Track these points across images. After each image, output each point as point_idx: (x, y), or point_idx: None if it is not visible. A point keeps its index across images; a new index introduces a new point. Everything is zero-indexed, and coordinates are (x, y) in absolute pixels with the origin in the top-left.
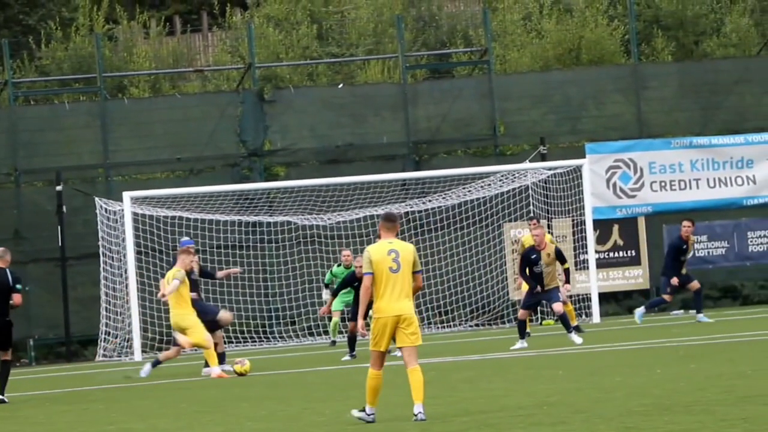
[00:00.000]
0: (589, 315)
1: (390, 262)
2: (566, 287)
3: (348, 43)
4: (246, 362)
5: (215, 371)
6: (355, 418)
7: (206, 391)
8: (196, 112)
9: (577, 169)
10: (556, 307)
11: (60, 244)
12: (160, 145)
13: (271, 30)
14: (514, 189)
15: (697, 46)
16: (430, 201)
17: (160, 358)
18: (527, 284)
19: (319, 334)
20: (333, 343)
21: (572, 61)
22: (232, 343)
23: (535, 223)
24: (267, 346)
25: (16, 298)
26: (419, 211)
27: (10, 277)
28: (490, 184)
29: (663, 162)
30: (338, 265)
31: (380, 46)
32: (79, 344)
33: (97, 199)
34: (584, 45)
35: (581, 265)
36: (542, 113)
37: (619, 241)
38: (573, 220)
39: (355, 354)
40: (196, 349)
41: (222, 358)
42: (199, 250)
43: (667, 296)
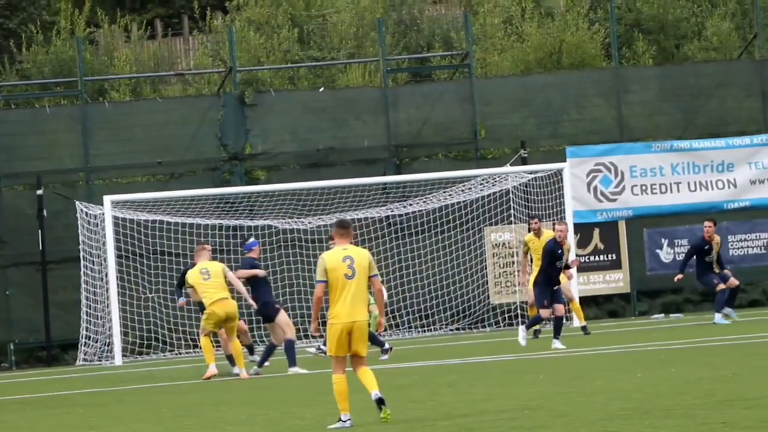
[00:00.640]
0: (569, 319)
1: (345, 268)
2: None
3: (329, 47)
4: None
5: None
6: (335, 429)
7: (187, 395)
8: (176, 115)
9: (558, 173)
10: (559, 307)
11: (40, 248)
12: (140, 149)
13: (252, 34)
14: (494, 193)
15: (678, 50)
16: (411, 205)
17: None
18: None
19: (300, 338)
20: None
21: (553, 64)
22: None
23: (536, 221)
24: (247, 350)
25: None
26: (400, 215)
27: None
28: (470, 188)
29: (644, 166)
30: None
31: (361, 50)
32: (60, 348)
33: (77, 203)
34: (565, 49)
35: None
36: (523, 117)
37: (600, 245)
38: (553, 224)
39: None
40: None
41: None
42: (179, 254)
43: (720, 286)
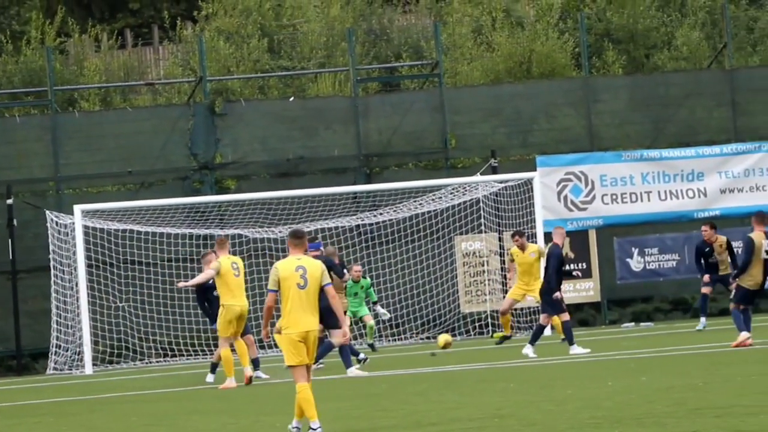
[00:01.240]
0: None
1: (298, 278)
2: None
3: (299, 57)
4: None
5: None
6: None
7: (157, 404)
8: (147, 125)
9: (528, 182)
10: (544, 317)
11: (11, 257)
12: (111, 159)
13: (222, 43)
14: (465, 202)
15: (647, 60)
16: (381, 214)
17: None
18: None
19: (270, 347)
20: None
21: (523, 74)
22: (182, 355)
23: (518, 238)
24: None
25: None
26: (370, 224)
27: None
28: (441, 197)
29: (614, 175)
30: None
31: (331, 60)
32: (30, 357)
33: (47, 212)
34: (535, 58)
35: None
36: (493, 126)
37: (570, 254)
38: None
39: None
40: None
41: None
42: (150, 263)
43: (705, 290)
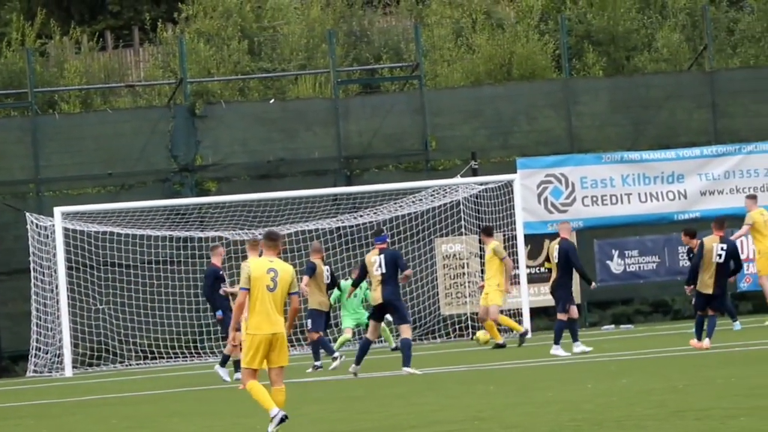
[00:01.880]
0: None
1: (268, 280)
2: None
3: (279, 59)
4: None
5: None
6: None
7: (137, 406)
8: (127, 127)
9: (509, 184)
10: (574, 309)
11: None
12: (91, 161)
13: (203, 45)
14: (445, 204)
15: (628, 62)
16: (361, 216)
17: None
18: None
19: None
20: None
21: (503, 76)
22: (162, 358)
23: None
24: (198, 362)
25: None
26: (350, 226)
27: None
28: (421, 199)
29: (594, 177)
30: (345, 280)
31: (312, 62)
32: (10, 360)
33: (27, 214)
34: (515, 60)
35: (513, 281)
36: (473, 128)
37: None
38: (504, 235)
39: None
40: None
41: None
42: (130, 265)
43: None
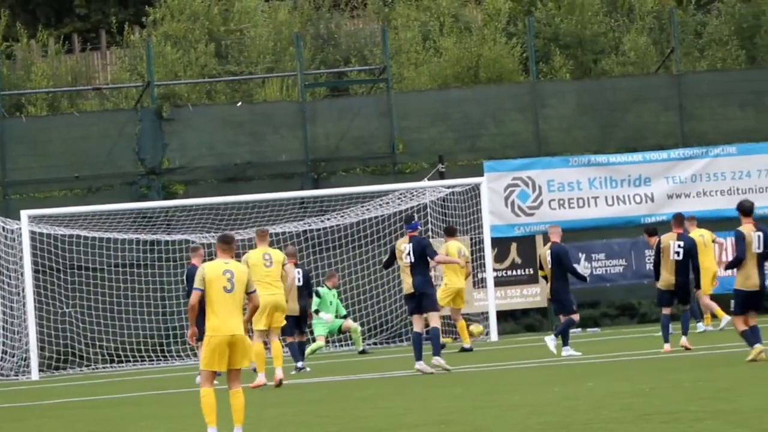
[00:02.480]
0: (487, 333)
1: (224, 281)
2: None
3: (247, 62)
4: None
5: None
6: None
7: (104, 410)
8: (94, 130)
9: (476, 188)
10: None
11: None
12: (58, 164)
13: (170, 48)
14: (412, 207)
15: (595, 65)
16: (328, 219)
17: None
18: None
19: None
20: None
21: (471, 79)
22: (129, 361)
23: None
24: (164, 365)
25: None
26: (317, 229)
27: None
28: (388, 203)
29: (561, 180)
30: (322, 287)
31: (279, 65)
32: None
33: None
34: (483, 63)
35: (479, 284)
36: (441, 131)
37: (517, 260)
38: (471, 239)
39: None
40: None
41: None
42: (97, 269)
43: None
